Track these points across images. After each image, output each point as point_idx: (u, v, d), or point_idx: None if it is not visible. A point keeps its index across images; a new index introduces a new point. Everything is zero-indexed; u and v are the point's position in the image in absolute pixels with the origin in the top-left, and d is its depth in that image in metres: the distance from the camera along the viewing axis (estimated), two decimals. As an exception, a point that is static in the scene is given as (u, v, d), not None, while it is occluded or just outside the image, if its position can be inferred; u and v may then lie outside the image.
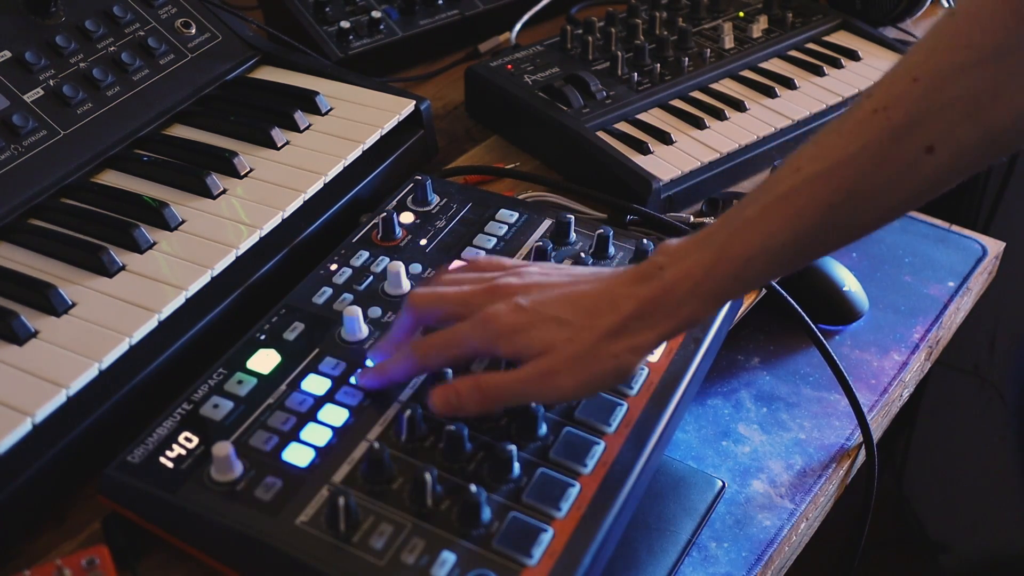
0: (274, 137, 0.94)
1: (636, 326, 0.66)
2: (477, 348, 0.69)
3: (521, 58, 1.12)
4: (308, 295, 0.80)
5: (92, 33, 0.96)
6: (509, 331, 0.67)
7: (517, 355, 0.67)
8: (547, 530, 0.63)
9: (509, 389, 0.67)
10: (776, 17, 1.21)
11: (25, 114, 0.89)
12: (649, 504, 0.79)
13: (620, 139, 1.01)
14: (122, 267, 0.81)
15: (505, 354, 0.68)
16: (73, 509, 0.72)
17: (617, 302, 0.67)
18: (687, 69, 1.11)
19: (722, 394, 0.95)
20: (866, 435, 0.90)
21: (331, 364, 0.74)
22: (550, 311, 0.67)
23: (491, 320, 0.68)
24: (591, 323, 0.66)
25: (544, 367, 0.66)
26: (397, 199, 0.90)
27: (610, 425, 0.70)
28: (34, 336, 0.74)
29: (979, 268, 1.10)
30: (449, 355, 0.70)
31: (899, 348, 1.00)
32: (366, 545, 0.62)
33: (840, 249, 0.69)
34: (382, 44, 1.20)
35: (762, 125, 1.05)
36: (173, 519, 0.66)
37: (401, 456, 0.67)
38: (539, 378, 0.66)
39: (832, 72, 1.14)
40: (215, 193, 0.88)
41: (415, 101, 1.00)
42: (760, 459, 0.88)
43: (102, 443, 0.71)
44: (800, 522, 0.84)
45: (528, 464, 0.67)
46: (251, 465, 0.66)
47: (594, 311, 0.67)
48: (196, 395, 0.71)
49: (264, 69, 1.06)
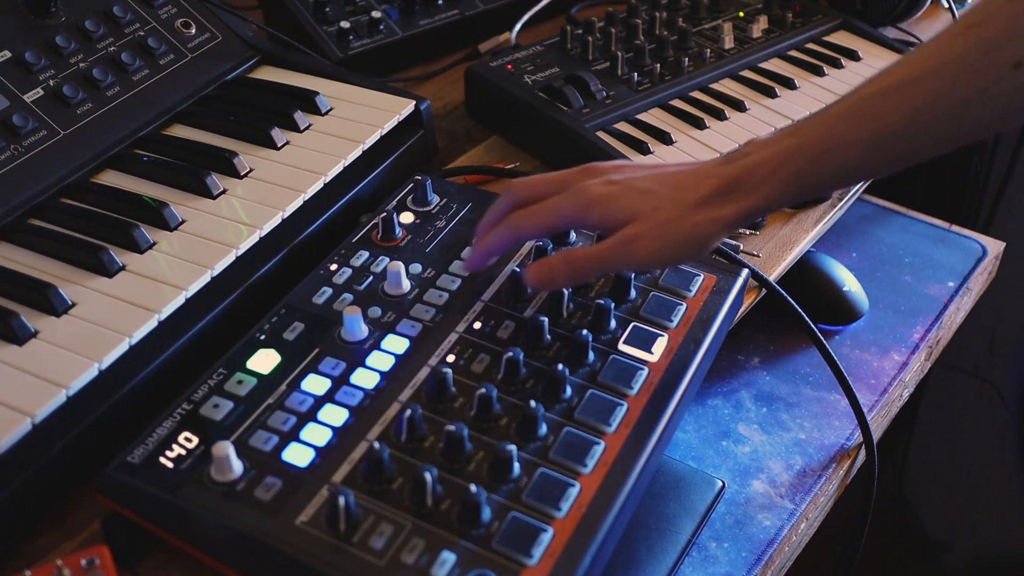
0: (274, 137, 0.94)
1: (718, 201, 0.71)
2: (569, 217, 0.73)
3: (521, 58, 1.12)
4: (308, 295, 0.80)
5: (92, 33, 0.96)
6: (600, 200, 0.72)
7: (605, 223, 0.72)
8: (547, 530, 0.63)
9: (596, 257, 0.72)
10: (776, 17, 1.21)
11: (25, 114, 0.89)
12: (649, 504, 0.80)
13: (620, 139, 1.01)
14: (122, 267, 0.81)
15: (595, 223, 0.73)
16: (73, 509, 0.72)
17: (702, 179, 0.72)
18: (687, 69, 1.11)
19: (722, 394, 0.95)
20: (866, 435, 0.90)
21: (331, 364, 0.74)
22: (639, 184, 0.72)
23: (583, 191, 0.73)
24: (676, 195, 0.71)
25: (628, 234, 0.71)
26: (397, 199, 0.90)
27: (610, 425, 0.70)
28: (34, 336, 0.74)
29: (979, 268, 1.10)
30: (543, 223, 0.74)
31: (899, 348, 1.00)
32: (366, 545, 0.62)
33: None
34: (382, 44, 1.20)
35: (762, 125, 1.04)
36: (173, 519, 0.66)
37: (401, 456, 0.67)
38: (623, 244, 0.71)
39: (832, 72, 1.14)
40: (215, 193, 0.88)
41: (415, 101, 1.00)
42: (760, 459, 0.89)
43: (102, 443, 0.71)
44: (800, 522, 0.84)
45: (528, 464, 0.67)
46: (251, 465, 0.66)
47: (680, 185, 0.72)
48: (196, 395, 0.71)
49: (264, 69, 1.06)
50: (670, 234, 0.71)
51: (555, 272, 0.74)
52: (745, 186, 0.71)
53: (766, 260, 0.94)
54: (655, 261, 0.73)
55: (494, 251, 0.78)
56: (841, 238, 1.15)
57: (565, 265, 0.73)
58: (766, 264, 0.93)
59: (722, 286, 0.82)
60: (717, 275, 0.83)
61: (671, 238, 0.71)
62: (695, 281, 0.82)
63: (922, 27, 1.28)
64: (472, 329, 0.77)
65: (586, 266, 0.73)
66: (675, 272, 0.82)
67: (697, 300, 0.81)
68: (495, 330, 0.77)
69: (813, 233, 0.98)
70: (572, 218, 0.74)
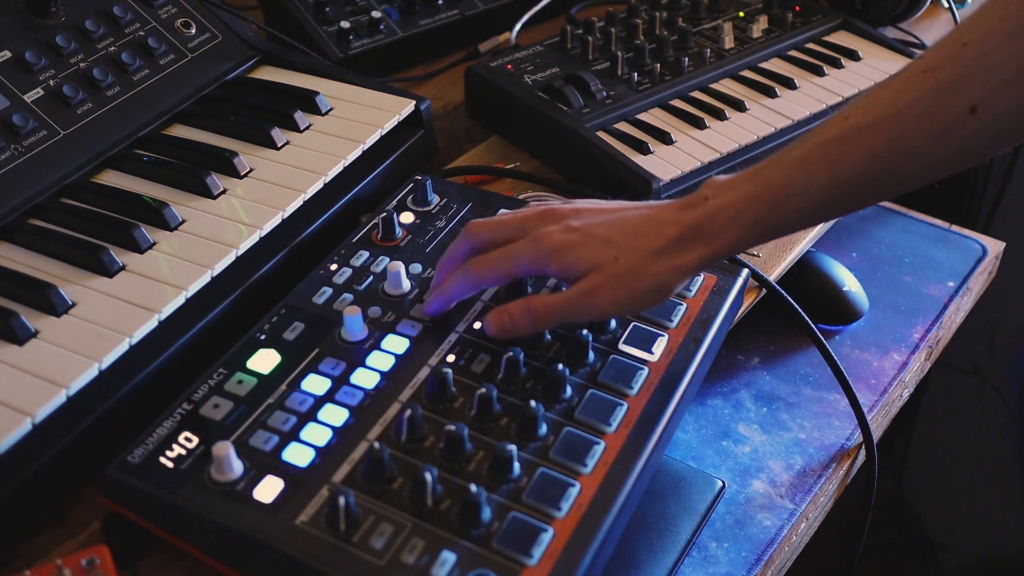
0: (274, 137, 0.94)
1: (678, 248, 0.71)
2: (529, 265, 0.73)
3: (521, 58, 1.12)
4: (308, 295, 0.80)
5: (92, 33, 0.96)
6: (560, 249, 0.72)
7: (566, 272, 0.72)
8: (547, 530, 0.63)
9: (557, 307, 0.72)
10: (776, 17, 1.21)
11: (25, 114, 0.89)
12: (649, 504, 0.80)
13: (620, 139, 1.01)
14: (122, 267, 0.81)
15: (555, 271, 0.73)
16: (73, 509, 0.72)
17: (662, 226, 0.72)
18: (687, 69, 1.11)
19: (722, 394, 0.95)
20: (866, 435, 0.90)
21: (331, 364, 0.74)
22: (599, 232, 0.72)
23: (543, 238, 0.73)
24: (636, 243, 0.71)
25: (589, 285, 0.71)
26: (397, 199, 0.90)
27: (610, 425, 0.70)
28: (34, 336, 0.74)
29: (979, 268, 1.10)
30: (503, 270, 0.74)
31: (899, 348, 1.00)
32: (366, 545, 0.62)
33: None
34: (382, 44, 1.20)
35: (762, 125, 1.04)
36: (173, 519, 0.66)
37: (401, 456, 0.67)
38: (584, 296, 0.71)
39: (832, 72, 1.14)
40: (215, 193, 0.88)
41: (415, 101, 1.00)
42: (760, 459, 0.89)
43: (102, 443, 0.71)
44: (800, 522, 0.84)
45: (528, 464, 0.67)
46: (251, 465, 0.66)
47: (640, 233, 0.72)
48: (196, 395, 0.71)
49: (264, 69, 1.06)
50: (631, 284, 0.71)
51: (515, 321, 0.73)
52: (705, 233, 0.71)
53: (766, 260, 0.94)
54: (615, 311, 0.74)
55: (453, 297, 0.77)
56: (841, 238, 1.15)
57: (526, 315, 0.73)
58: (766, 264, 0.93)
59: (722, 286, 0.82)
60: (717, 275, 0.83)
61: (632, 288, 0.71)
62: (695, 281, 0.82)
63: (922, 27, 1.28)
64: (472, 329, 0.77)
65: (547, 316, 0.73)
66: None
67: (697, 300, 0.81)
68: (495, 330, 0.77)
69: (813, 233, 0.98)
70: (532, 267, 0.73)
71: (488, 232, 0.76)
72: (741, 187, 0.70)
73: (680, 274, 0.71)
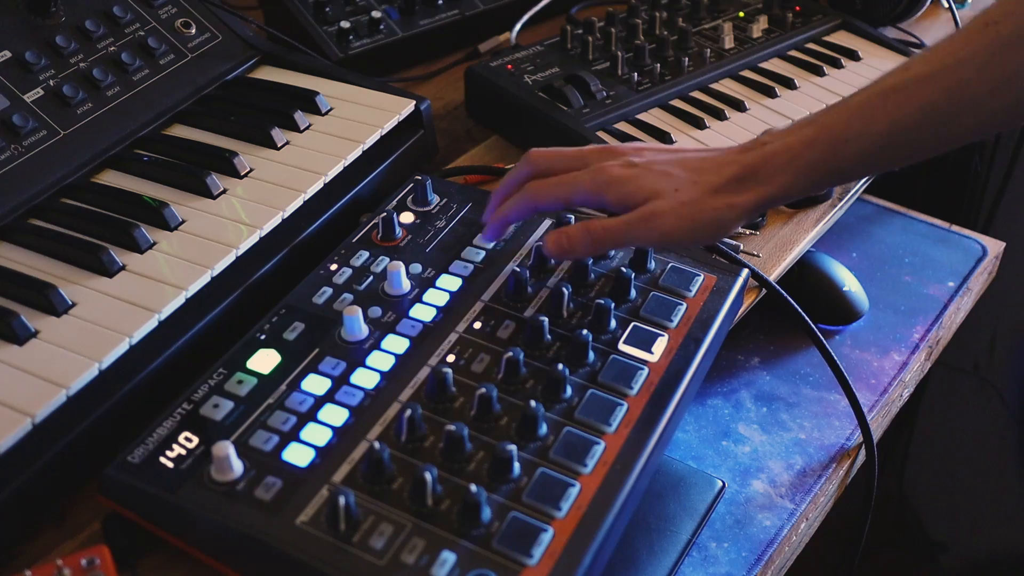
0: (274, 137, 0.94)
1: (737, 187, 0.72)
2: (587, 193, 0.74)
3: (521, 58, 1.12)
4: (308, 295, 0.80)
5: (92, 33, 0.96)
6: (619, 180, 0.73)
7: (624, 202, 0.73)
8: (547, 530, 0.63)
9: (616, 229, 0.73)
10: (776, 17, 1.21)
11: (25, 114, 0.89)
12: (649, 504, 0.80)
13: (620, 139, 1.01)
14: (122, 267, 0.81)
15: (612, 202, 0.74)
16: (73, 509, 0.72)
17: (721, 166, 0.74)
18: (687, 69, 1.11)
19: (722, 394, 0.95)
20: (866, 435, 0.90)
21: (331, 364, 0.74)
22: (659, 167, 0.74)
23: (603, 170, 0.74)
24: (697, 178, 0.73)
25: (650, 210, 0.72)
26: (397, 199, 0.90)
27: (610, 425, 0.70)
28: (34, 336, 0.74)
29: (979, 268, 1.10)
30: (561, 195, 0.75)
31: (899, 348, 1.00)
32: (366, 545, 0.62)
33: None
34: (382, 44, 1.20)
35: (762, 125, 1.04)
36: (173, 519, 0.66)
37: (401, 456, 0.67)
38: (645, 219, 0.72)
39: (832, 72, 1.14)
40: (215, 193, 0.88)
41: (415, 101, 1.00)
42: (760, 459, 0.89)
43: (102, 443, 0.71)
44: (800, 522, 0.84)
45: (528, 464, 0.67)
46: (251, 465, 0.66)
47: (701, 169, 0.73)
48: (196, 395, 0.71)
49: (264, 69, 1.06)
50: (692, 214, 0.72)
51: (574, 242, 0.75)
52: (763, 174, 0.72)
53: (766, 260, 0.94)
54: (674, 238, 0.74)
55: (511, 219, 0.79)
56: (841, 238, 1.15)
57: (585, 235, 0.74)
58: (766, 264, 0.93)
59: (722, 286, 0.82)
60: (717, 275, 0.83)
61: (692, 218, 0.72)
62: (695, 281, 0.82)
63: (922, 27, 1.28)
64: (472, 329, 0.77)
65: (606, 238, 0.74)
66: (675, 272, 0.82)
67: (697, 300, 0.81)
68: (495, 330, 0.77)
69: (813, 233, 0.98)
70: (590, 195, 0.75)
71: (549, 160, 0.78)
72: (799, 132, 0.73)
73: (736, 213, 0.72)
